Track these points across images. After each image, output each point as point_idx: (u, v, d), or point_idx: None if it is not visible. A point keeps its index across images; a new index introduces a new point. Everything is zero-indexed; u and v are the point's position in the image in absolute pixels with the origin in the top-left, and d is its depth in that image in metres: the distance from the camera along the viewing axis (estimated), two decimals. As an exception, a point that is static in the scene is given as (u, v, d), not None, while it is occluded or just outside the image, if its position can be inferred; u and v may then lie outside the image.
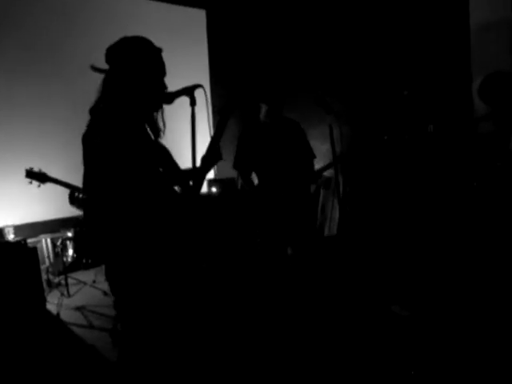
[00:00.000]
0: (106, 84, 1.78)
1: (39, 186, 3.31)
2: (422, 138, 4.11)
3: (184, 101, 1.82)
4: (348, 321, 3.27)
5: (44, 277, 4.45)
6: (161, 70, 1.85)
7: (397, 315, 3.34)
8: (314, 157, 3.50)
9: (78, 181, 3.12)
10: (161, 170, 1.89)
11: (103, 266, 1.96)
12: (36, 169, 3.33)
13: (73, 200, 3.06)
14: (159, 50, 1.86)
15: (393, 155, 3.09)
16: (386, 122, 4.59)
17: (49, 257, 5.04)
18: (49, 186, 5.10)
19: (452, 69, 4.24)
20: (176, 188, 1.95)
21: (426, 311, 3.34)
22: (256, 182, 3.45)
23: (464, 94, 4.14)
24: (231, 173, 6.15)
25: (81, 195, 3.14)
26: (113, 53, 1.79)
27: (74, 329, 3.62)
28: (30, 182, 3.30)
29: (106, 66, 1.82)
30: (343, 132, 3.24)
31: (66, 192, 3.47)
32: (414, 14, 4.50)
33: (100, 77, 1.81)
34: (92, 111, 1.78)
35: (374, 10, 4.88)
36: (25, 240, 4.00)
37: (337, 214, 3.65)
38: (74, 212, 4.94)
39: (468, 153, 3.89)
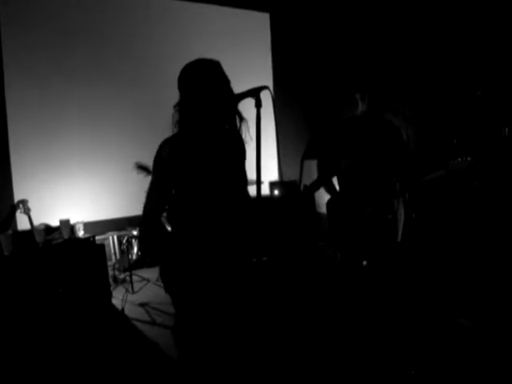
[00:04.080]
0: (180, 108, 1.94)
1: (145, 176, 3.83)
2: (497, 142, 3.88)
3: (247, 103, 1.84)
4: (411, 332, 3.15)
5: (110, 273, 4.62)
6: (223, 81, 1.92)
7: (464, 328, 3.18)
8: (410, 166, 3.17)
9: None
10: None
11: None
12: (143, 162, 3.78)
13: None
14: (218, 64, 1.94)
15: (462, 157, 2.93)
16: (456, 124, 4.38)
17: (115, 254, 5.23)
18: (115, 186, 5.35)
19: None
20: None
21: (497, 325, 3.14)
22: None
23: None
24: (294, 175, 6.13)
25: None
26: (179, 83, 1.95)
27: (138, 324, 3.73)
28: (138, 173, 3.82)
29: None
30: (410, 135, 3.12)
31: (133, 192, 3.66)
32: (486, 8, 4.27)
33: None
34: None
35: (443, 7, 4.68)
36: (93, 237, 4.17)
37: (401, 220, 3.50)
38: (139, 211, 5.14)
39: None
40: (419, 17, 4.98)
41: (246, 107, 1.96)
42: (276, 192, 5.85)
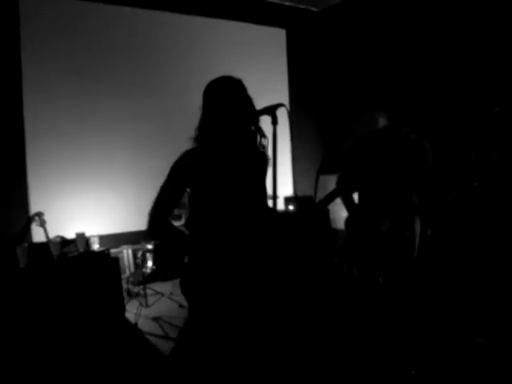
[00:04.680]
0: (201, 119, 1.99)
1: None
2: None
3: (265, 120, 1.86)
4: (427, 350, 3.09)
5: (124, 286, 4.63)
6: (244, 99, 1.95)
7: (481, 347, 3.12)
8: (430, 182, 3.08)
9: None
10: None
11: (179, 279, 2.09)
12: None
13: None
14: (239, 82, 1.97)
15: (481, 176, 2.89)
16: (474, 140, 4.34)
17: (129, 267, 5.25)
18: (130, 199, 5.38)
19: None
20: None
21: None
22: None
23: None
24: (309, 190, 6.13)
25: None
26: (204, 95, 1.99)
27: (151, 338, 3.72)
28: None
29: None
30: (428, 149, 3.09)
31: (148, 205, 3.60)
32: (504, 22, 4.24)
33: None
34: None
35: (461, 21, 4.67)
36: (108, 250, 4.19)
37: (417, 236, 3.46)
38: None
39: None
40: (436, 34, 4.97)
41: (262, 124, 1.98)
42: (291, 207, 5.84)
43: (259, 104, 1.91)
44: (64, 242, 4.08)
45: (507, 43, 4.22)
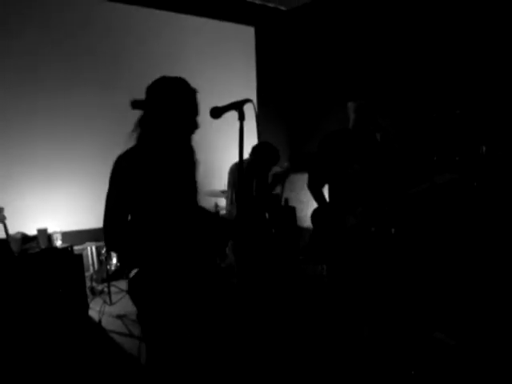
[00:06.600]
0: (142, 118, 1.94)
1: None
2: (474, 159, 3.96)
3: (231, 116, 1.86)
4: (387, 345, 3.16)
5: (88, 284, 4.54)
6: (193, 111, 1.93)
7: (441, 343, 3.20)
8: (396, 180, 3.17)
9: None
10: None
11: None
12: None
13: None
14: (194, 92, 1.94)
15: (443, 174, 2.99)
16: (436, 141, 4.46)
17: (93, 264, 5.15)
18: (96, 195, 5.24)
19: (509, 86, 4.08)
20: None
21: (474, 341, 3.18)
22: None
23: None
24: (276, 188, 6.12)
25: None
26: (149, 92, 1.93)
27: (115, 336, 3.67)
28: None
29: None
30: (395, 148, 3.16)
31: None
32: (469, 28, 4.37)
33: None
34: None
35: (426, 25, 4.79)
36: (71, 247, 4.10)
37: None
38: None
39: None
40: (403, 36, 5.08)
41: (230, 120, 1.97)
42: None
43: (227, 102, 1.88)
44: (25, 238, 3.97)
45: (469, 48, 4.35)
